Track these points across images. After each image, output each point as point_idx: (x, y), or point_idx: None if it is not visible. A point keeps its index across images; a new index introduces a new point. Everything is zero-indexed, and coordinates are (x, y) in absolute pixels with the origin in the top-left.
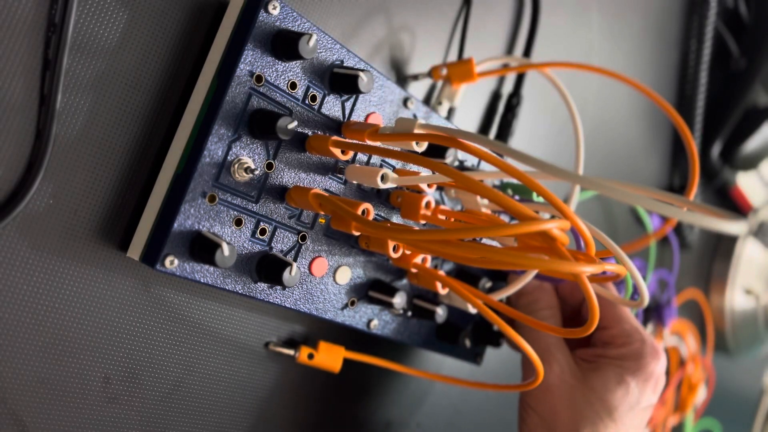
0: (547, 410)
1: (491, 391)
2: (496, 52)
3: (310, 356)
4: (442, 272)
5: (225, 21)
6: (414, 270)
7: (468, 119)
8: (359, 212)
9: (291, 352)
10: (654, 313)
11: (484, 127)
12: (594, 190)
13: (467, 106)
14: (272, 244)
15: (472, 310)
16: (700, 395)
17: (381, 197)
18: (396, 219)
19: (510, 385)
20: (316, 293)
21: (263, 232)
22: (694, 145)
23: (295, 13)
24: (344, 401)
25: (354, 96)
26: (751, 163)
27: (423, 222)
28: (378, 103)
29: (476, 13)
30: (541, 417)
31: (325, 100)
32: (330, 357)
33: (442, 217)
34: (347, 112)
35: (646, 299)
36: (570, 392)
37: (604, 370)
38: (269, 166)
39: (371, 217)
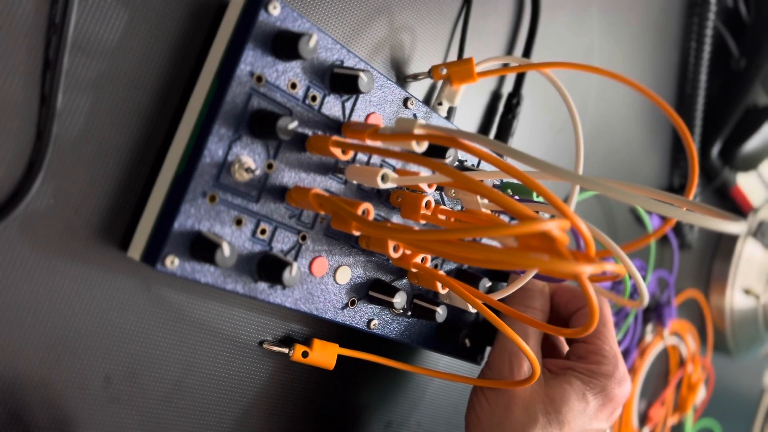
0: (501, 406)
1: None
2: (496, 52)
3: (305, 354)
4: (442, 272)
5: (225, 21)
6: (414, 270)
7: (468, 119)
8: (359, 212)
9: (285, 350)
10: (654, 313)
11: (484, 127)
12: (594, 190)
13: (467, 106)
14: (272, 244)
15: (472, 310)
16: (700, 395)
17: (381, 197)
18: (396, 219)
19: (509, 381)
20: (316, 293)
21: (263, 232)
22: (693, 146)
23: (295, 14)
24: (345, 401)
25: (354, 96)
26: (751, 163)
27: (423, 222)
28: (378, 103)
29: (476, 13)
30: (493, 411)
31: (326, 100)
32: (324, 354)
33: (442, 217)
34: (347, 112)
35: (646, 299)
36: (530, 396)
37: (569, 383)
38: (269, 166)
39: (371, 217)
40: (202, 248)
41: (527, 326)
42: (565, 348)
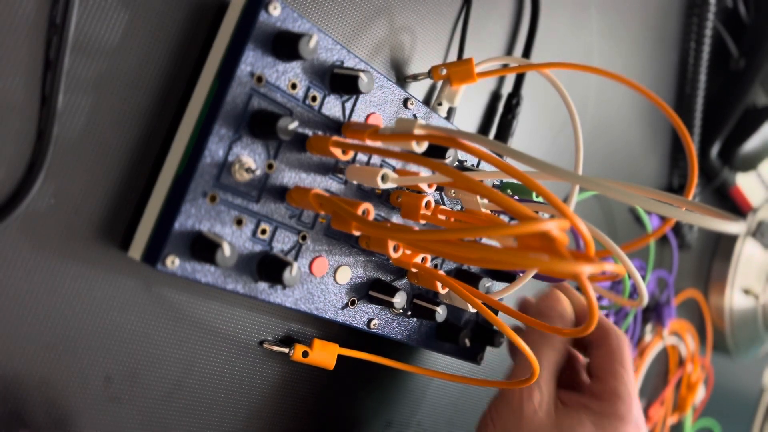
0: None
1: (490, 388)
2: (496, 53)
3: (305, 354)
4: (442, 272)
5: (225, 21)
6: (414, 270)
7: (468, 119)
8: (360, 212)
9: (285, 350)
10: (653, 313)
11: (484, 128)
12: (593, 190)
13: (467, 106)
14: (273, 244)
15: (472, 310)
16: (699, 395)
17: (381, 197)
18: (396, 219)
19: (507, 381)
20: (316, 293)
21: (264, 231)
22: (692, 146)
23: (295, 14)
24: (345, 400)
25: (354, 96)
26: (750, 163)
27: (423, 222)
28: (378, 103)
29: (476, 13)
30: None
31: (326, 101)
32: (324, 354)
33: (442, 217)
34: (347, 112)
35: (645, 299)
36: (539, 425)
37: (580, 421)
38: (270, 166)
39: (371, 217)
40: (203, 248)
41: (542, 357)
42: (584, 384)
